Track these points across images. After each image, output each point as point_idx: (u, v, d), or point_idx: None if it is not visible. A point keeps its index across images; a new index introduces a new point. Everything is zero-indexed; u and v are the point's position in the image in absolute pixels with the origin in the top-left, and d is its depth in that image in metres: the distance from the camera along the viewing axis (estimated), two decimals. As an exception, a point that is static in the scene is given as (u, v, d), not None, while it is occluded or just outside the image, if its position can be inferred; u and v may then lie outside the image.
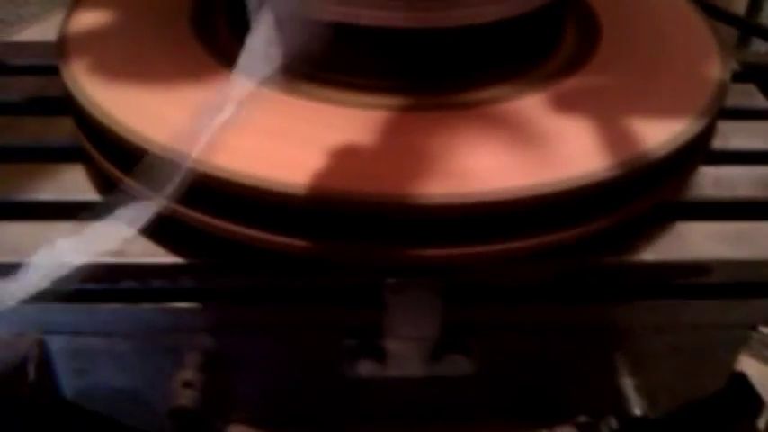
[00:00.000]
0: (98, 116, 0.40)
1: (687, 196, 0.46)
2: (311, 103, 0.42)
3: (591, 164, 0.38)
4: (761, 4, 1.00)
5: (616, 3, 0.53)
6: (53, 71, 0.51)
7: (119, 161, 0.41)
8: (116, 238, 0.36)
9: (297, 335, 0.44)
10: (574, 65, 0.47)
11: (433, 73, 0.44)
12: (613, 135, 0.41)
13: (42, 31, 1.00)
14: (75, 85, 0.43)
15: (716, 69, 0.47)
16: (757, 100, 0.55)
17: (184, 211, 0.39)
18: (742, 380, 0.56)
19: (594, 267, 0.42)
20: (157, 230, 0.41)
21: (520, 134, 0.41)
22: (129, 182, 0.39)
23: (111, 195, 0.42)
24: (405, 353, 0.43)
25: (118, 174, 0.41)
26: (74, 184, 0.45)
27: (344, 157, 0.39)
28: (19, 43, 0.58)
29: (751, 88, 0.56)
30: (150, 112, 0.40)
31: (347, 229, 0.38)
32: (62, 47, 0.46)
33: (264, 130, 0.40)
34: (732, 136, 0.51)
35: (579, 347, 0.46)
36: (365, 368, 0.44)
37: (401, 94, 0.43)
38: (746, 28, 0.85)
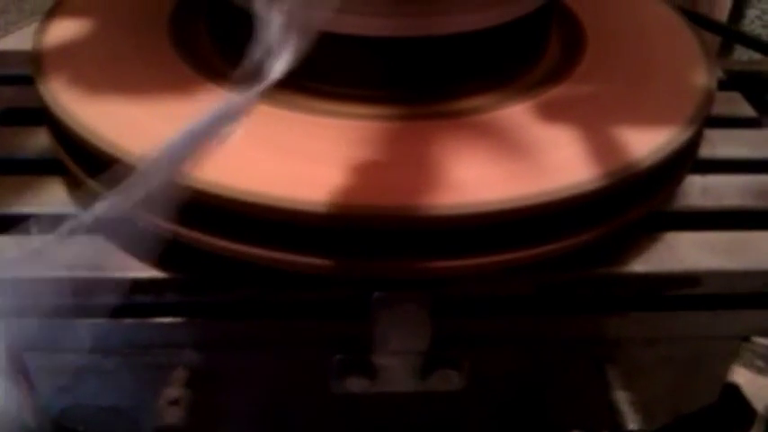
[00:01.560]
0: (80, 131, 0.39)
1: (675, 206, 0.46)
2: (295, 114, 0.42)
3: (581, 174, 0.38)
4: (743, 11, 1.01)
5: (600, 10, 0.53)
6: (26, 81, 0.50)
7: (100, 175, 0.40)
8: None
9: (284, 350, 0.43)
10: (560, 73, 0.46)
11: (420, 82, 0.43)
12: (602, 144, 0.40)
13: (20, 40, 0.99)
14: (52, 99, 0.42)
15: (702, 77, 0.47)
16: (742, 108, 0.55)
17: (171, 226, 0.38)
18: (734, 390, 0.56)
19: (584, 279, 0.41)
20: (137, 243, 0.40)
21: (509, 144, 0.40)
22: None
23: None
24: (394, 368, 0.43)
25: (102, 190, 0.40)
26: (51, 196, 0.44)
27: (334, 168, 0.38)
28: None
29: (736, 96, 0.56)
30: (133, 126, 0.40)
31: (338, 243, 0.37)
32: (37, 59, 0.45)
33: (249, 143, 0.39)
34: (718, 144, 0.51)
35: (570, 361, 0.45)
36: (354, 384, 0.43)
37: (387, 103, 0.43)
38: (729, 35, 0.85)
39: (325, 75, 0.42)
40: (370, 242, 0.37)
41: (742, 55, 0.93)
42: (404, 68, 0.43)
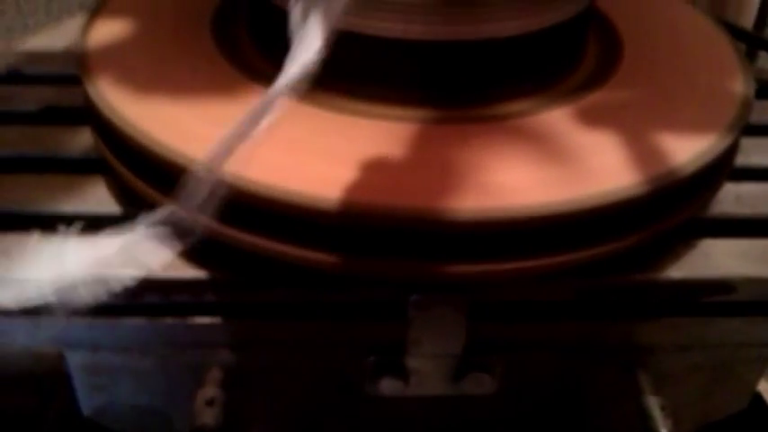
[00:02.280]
0: (128, 131, 0.40)
1: (710, 213, 0.46)
2: (336, 115, 0.42)
3: (622, 179, 0.38)
4: (766, 19, 1.01)
5: (635, 16, 0.53)
6: (68, 80, 0.51)
7: (151, 177, 0.40)
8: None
9: (319, 351, 0.43)
10: (597, 79, 0.47)
11: (458, 85, 0.44)
12: (642, 150, 0.40)
13: (49, 39, 1.00)
14: (100, 99, 0.42)
15: (739, 84, 0.47)
16: (775, 116, 0.55)
17: (210, 224, 0.38)
18: (756, 399, 0.56)
19: (621, 284, 0.41)
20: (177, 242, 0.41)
21: (548, 149, 0.40)
22: (159, 198, 0.39)
23: (135, 209, 0.42)
24: (427, 371, 0.43)
25: (148, 190, 0.41)
26: (94, 196, 0.44)
27: (372, 170, 0.38)
28: (34, 52, 0.57)
29: (767, 104, 0.56)
30: (182, 128, 0.40)
31: (376, 244, 0.37)
32: (83, 59, 0.45)
33: (290, 143, 0.39)
34: (752, 152, 0.51)
35: (603, 366, 0.45)
36: (387, 386, 0.43)
37: (425, 106, 0.43)
38: (755, 42, 0.85)
39: (366, 76, 0.42)
40: (409, 244, 0.37)
41: (765, 63, 0.93)
42: (444, 72, 0.43)
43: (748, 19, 0.96)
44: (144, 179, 0.41)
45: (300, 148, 0.39)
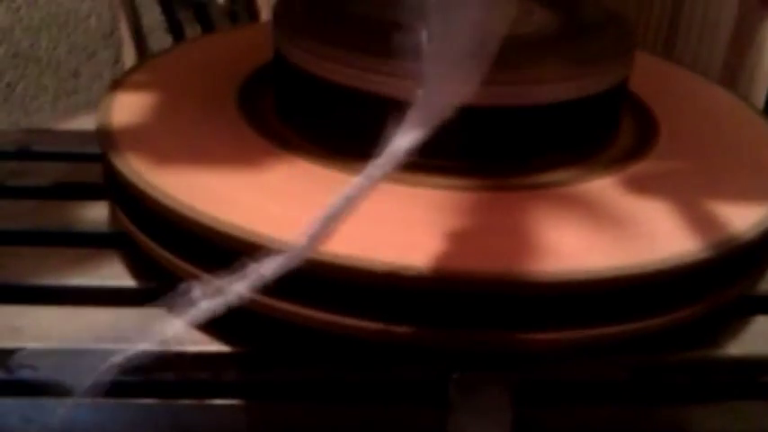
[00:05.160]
0: (174, 206, 0.37)
1: (759, 289, 0.43)
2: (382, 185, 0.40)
3: (683, 244, 0.36)
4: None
5: (662, 93, 0.53)
6: (77, 158, 0.52)
7: (185, 250, 0.38)
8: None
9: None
10: (637, 152, 0.45)
11: (502, 154, 0.42)
12: (697, 217, 0.39)
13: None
14: (129, 171, 0.40)
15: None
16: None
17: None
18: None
19: (678, 361, 0.38)
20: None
21: (604, 215, 0.39)
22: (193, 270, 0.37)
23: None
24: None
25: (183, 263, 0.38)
26: (110, 269, 0.42)
27: (425, 237, 0.36)
28: (42, 130, 0.56)
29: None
30: (216, 197, 0.38)
31: (427, 312, 0.35)
32: (108, 132, 0.44)
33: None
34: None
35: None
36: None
37: (470, 175, 0.41)
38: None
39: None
40: (465, 312, 0.35)
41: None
42: (491, 139, 0.42)
43: (760, 93, 0.96)
44: (179, 253, 0.38)
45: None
